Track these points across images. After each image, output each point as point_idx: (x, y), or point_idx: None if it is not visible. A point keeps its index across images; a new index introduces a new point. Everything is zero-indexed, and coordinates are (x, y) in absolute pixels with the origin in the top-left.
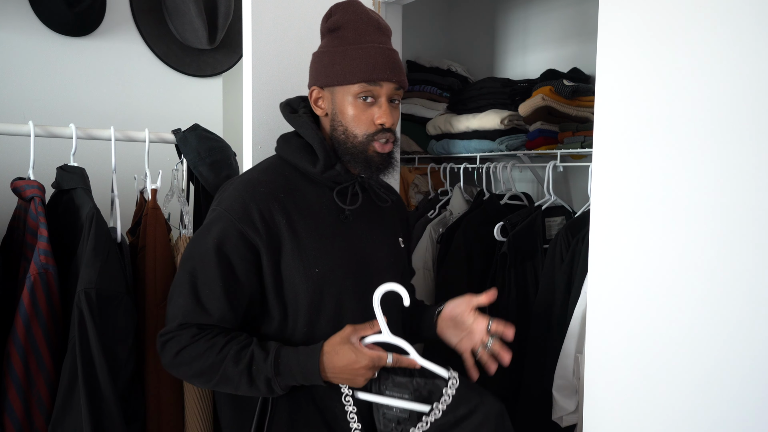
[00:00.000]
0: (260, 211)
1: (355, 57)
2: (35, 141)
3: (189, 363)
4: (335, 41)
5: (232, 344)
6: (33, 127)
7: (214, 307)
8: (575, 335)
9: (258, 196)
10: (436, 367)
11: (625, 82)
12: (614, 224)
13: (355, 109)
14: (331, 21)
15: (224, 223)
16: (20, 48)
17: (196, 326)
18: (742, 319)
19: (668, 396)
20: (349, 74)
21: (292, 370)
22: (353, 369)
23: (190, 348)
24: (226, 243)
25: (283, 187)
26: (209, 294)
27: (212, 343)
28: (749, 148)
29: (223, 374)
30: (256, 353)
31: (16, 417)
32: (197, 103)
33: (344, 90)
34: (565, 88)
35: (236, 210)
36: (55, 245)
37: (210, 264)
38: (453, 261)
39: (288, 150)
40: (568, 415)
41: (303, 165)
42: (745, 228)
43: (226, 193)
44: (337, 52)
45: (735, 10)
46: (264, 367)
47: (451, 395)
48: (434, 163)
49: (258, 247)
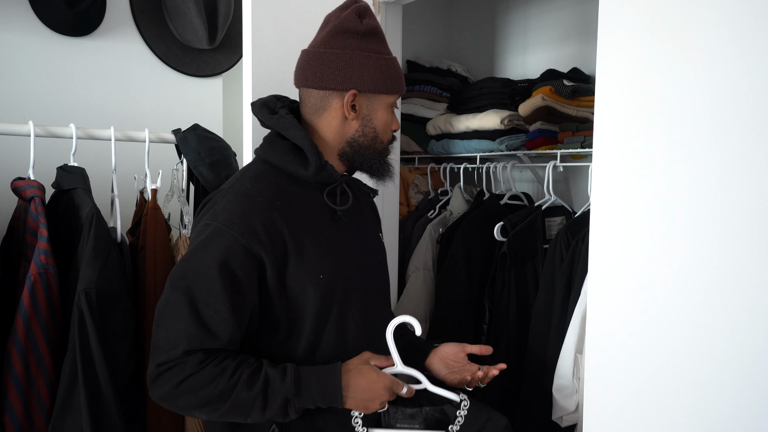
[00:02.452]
0: (263, 223)
1: (396, 69)
2: (35, 141)
3: (194, 392)
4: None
5: (243, 368)
6: (33, 127)
7: (222, 330)
8: (575, 335)
9: (257, 207)
10: (448, 392)
11: (625, 82)
12: (614, 224)
13: (388, 116)
14: (367, 24)
15: (226, 238)
16: (20, 48)
17: (202, 352)
18: (742, 319)
19: (668, 396)
20: (395, 85)
21: (312, 389)
22: (374, 388)
23: (197, 376)
24: (231, 260)
25: (277, 195)
26: (215, 316)
27: (222, 368)
28: (749, 147)
29: (234, 400)
30: (271, 375)
31: (16, 417)
32: (197, 103)
33: (383, 99)
34: (565, 88)
35: (237, 224)
36: (55, 245)
37: (213, 283)
38: (453, 261)
39: (274, 153)
40: (568, 415)
41: (293, 168)
42: (745, 227)
43: (220, 206)
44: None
45: (735, 10)
46: (282, 388)
47: (464, 416)
48: (434, 163)
49: (263, 260)
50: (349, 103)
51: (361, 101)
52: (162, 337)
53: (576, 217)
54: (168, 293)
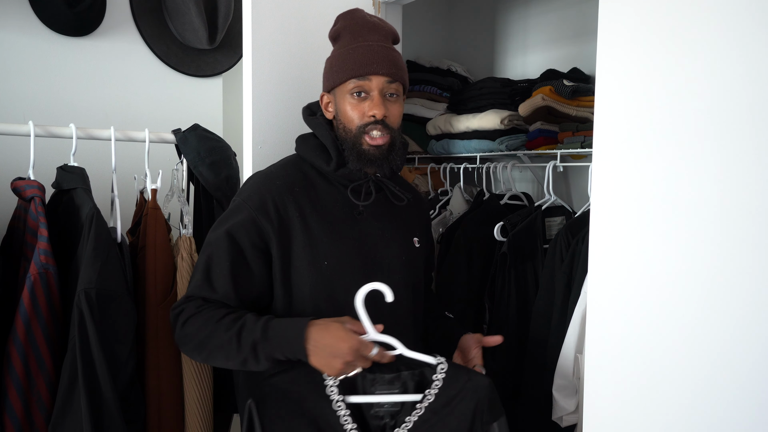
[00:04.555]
0: (275, 202)
1: (346, 57)
2: (35, 141)
3: (192, 333)
4: (336, 48)
5: (230, 315)
6: (33, 127)
7: (220, 285)
8: (575, 335)
9: (274, 188)
10: (424, 356)
11: (625, 82)
12: (614, 224)
13: (349, 105)
14: (333, 31)
15: (242, 211)
16: (20, 48)
17: (201, 298)
18: (742, 319)
19: (668, 396)
20: (342, 74)
21: (278, 335)
22: (338, 347)
23: (195, 317)
24: (240, 229)
25: (299, 182)
26: (218, 273)
27: (213, 314)
28: (750, 147)
29: (217, 340)
30: (248, 319)
31: (16, 417)
32: (197, 103)
33: (341, 90)
34: (565, 88)
35: (253, 200)
36: (55, 245)
37: (222, 247)
38: (453, 261)
39: (305, 149)
40: (568, 415)
41: (319, 163)
42: (746, 228)
43: (246, 185)
44: (335, 56)
45: (735, 10)
46: (253, 330)
47: (441, 378)
48: (434, 163)
49: (269, 235)
50: (324, 106)
51: (331, 100)
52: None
53: (576, 217)
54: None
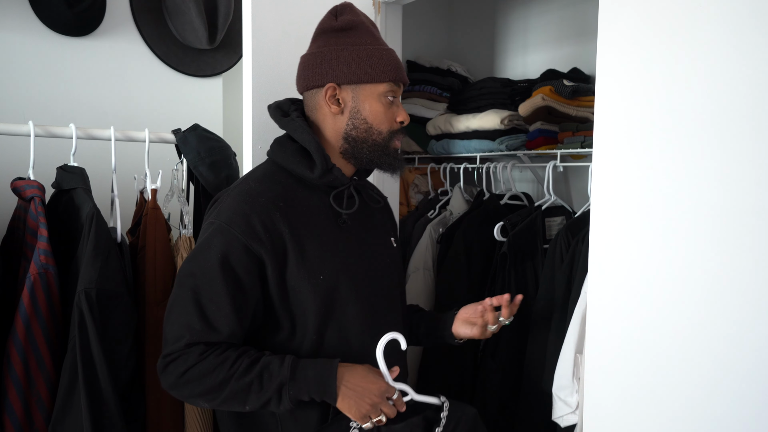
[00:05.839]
0: (263, 222)
1: (382, 57)
2: (35, 141)
3: (198, 380)
4: (350, 40)
5: (243, 358)
6: (33, 127)
7: (223, 324)
8: (575, 335)
9: (258, 206)
10: (429, 398)
11: (625, 82)
12: (614, 224)
13: (382, 106)
14: (342, 20)
15: (226, 236)
16: (20, 48)
17: (203, 344)
18: (742, 318)
19: (668, 396)
20: (379, 73)
21: (307, 376)
22: (368, 388)
23: (199, 365)
24: (231, 257)
25: (281, 196)
26: (216, 311)
27: (223, 358)
28: (750, 147)
29: (234, 386)
30: (269, 361)
31: (16, 417)
32: (197, 103)
33: (371, 89)
34: (565, 88)
35: (238, 223)
36: (55, 245)
37: (215, 280)
38: (453, 261)
39: (283, 155)
40: (568, 415)
41: (299, 170)
42: (746, 227)
43: (224, 206)
44: (360, 51)
45: (735, 10)
46: (279, 372)
47: (445, 417)
48: (434, 163)
49: (263, 258)
50: (328, 97)
51: (345, 94)
52: (169, 331)
53: (576, 217)
54: (176, 290)
